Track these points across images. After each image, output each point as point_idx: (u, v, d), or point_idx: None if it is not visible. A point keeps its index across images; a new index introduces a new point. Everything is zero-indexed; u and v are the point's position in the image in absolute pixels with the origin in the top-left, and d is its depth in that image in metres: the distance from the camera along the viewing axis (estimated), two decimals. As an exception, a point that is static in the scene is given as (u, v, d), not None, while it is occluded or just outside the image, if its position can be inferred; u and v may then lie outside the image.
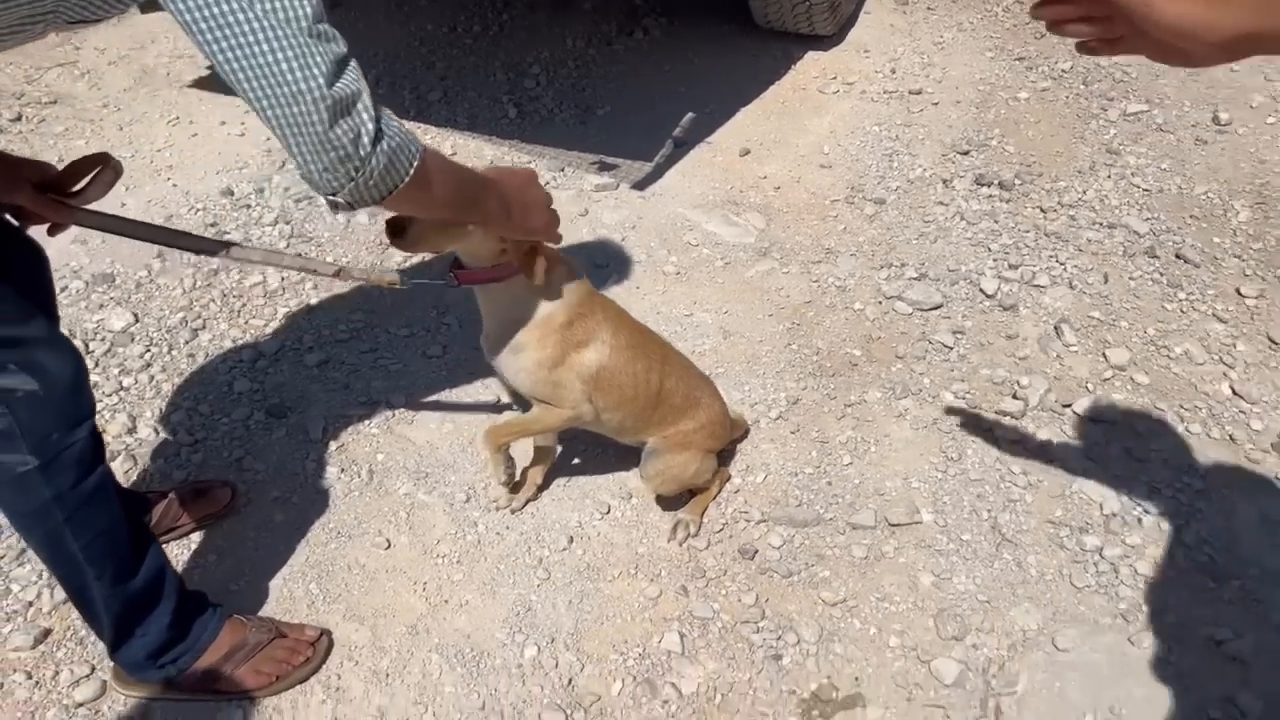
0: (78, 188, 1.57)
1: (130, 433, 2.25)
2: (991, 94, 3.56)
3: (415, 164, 1.26)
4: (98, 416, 1.73)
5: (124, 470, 2.16)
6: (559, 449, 2.15)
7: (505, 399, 2.36)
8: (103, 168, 1.57)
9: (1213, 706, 1.75)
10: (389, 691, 1.79)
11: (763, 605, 1.92)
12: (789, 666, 1.82)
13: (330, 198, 1.22)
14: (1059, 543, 2.03)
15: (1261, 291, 2.62)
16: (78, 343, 2.21)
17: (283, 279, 2.70)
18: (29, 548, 1.65)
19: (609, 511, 2.11)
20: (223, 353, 2.47)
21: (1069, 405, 2.33)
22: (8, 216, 1.52)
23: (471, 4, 4.04)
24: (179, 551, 2.01)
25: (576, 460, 2.21)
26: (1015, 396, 2.35)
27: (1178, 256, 2.74)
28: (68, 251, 2.72)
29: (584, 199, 3.02)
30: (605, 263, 2.78)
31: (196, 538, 2.04)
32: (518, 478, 2.06)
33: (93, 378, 2.22)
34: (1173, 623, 1.88)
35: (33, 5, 1.21)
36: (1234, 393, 2.35)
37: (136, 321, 2.54)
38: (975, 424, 2.28)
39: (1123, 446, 2.23)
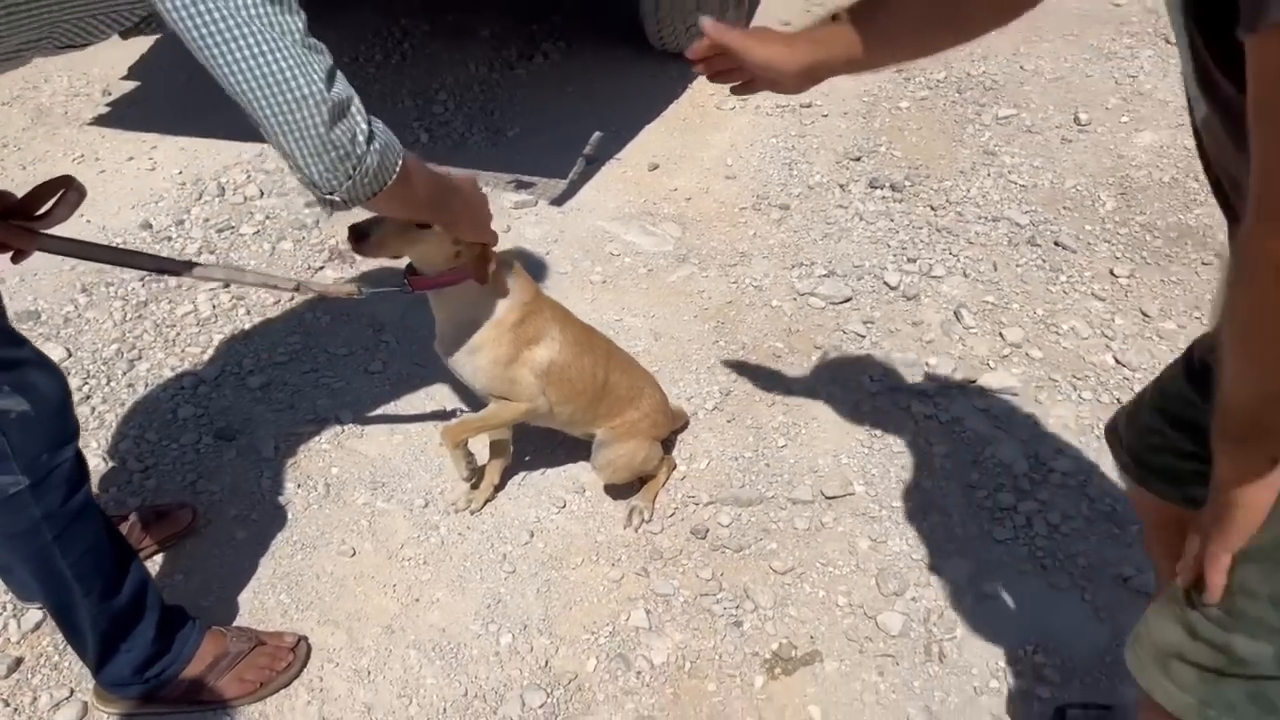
0: (42, 211, 1.61)
1: (76, 464, 2.25)
2: (875, 105, 3.81)
3: (400, 161, 1.36)
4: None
5: (75, 501, 2.15)
6: (512, 449, 2.24)
7: (450, 407, 2.44)
8: (66, 190, 1.61)
9: (1125, 633, 1.95)
10: (372, 688, 1.85)
11: (719, 579, 2.05)
12: (749, 631, 1.95)
13: (328, 196, 1.31)
14: (978, 503, 2.22)
15: (1132, 271, 2.90)
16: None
17: (214, 306, 2.72)
18: (13, 569, 1.66)
19: (565, 506, 2.21)
20: (163, 381, 2.48)
21: (974, 381, 2.54)
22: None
23: (371, 34, 4.11)
24: (142, 574, 2.02)
25: (529, 459, 2.30)
26: (926, 376, 2.55)
27: (1056, 244, 3.01)
28: (-14, 291, 2.69)
29: (505, 216, 3.13)
30: (533, 275, 2.88)
31: (160, 559, 2.05)
32: (477, 473, 2.15)
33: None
34: (1084, 565, 2.09)
35: (30, 32, 1.27)
36: (1117, 362, 2.61)
37: (70, 356, 2.53)
38: (893, 402, 2.47)
39: (1026, 414, 2.45)
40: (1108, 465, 2.31)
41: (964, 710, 1.82)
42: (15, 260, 1.62)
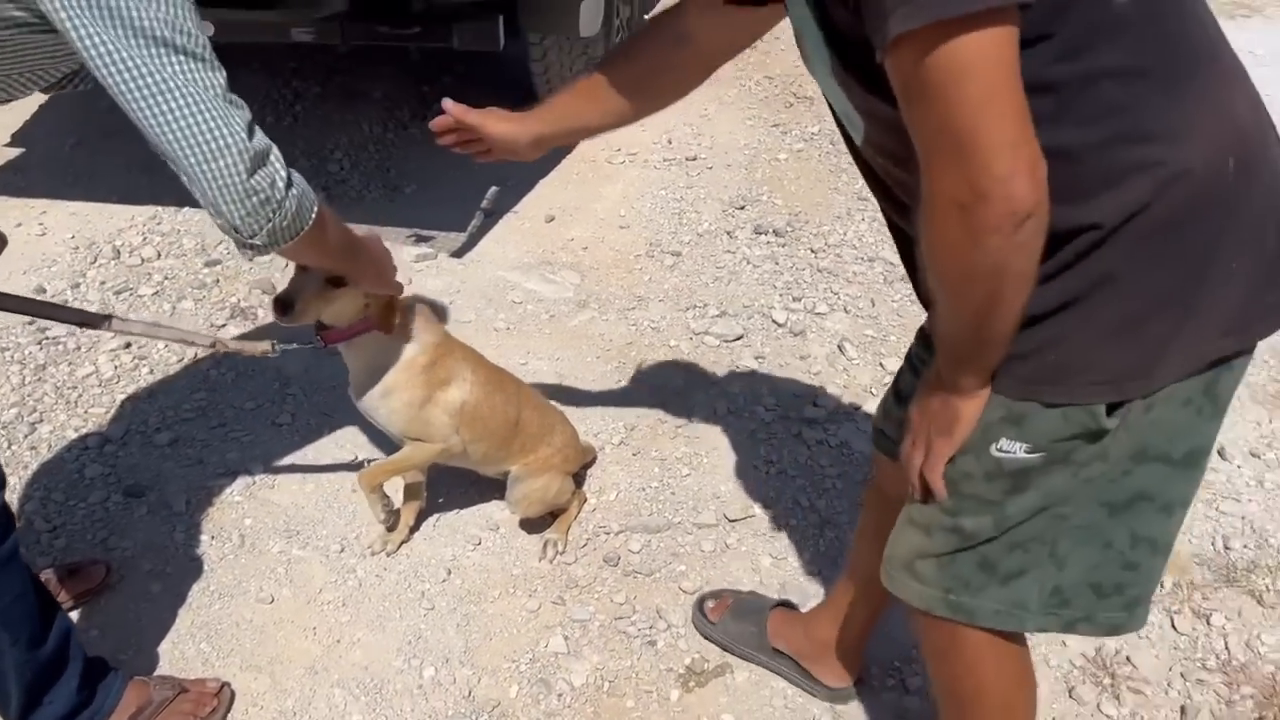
0: None
1: (-22, 528, 2.22)
2: (756, 156, 4.04)
3: (317, 208, 1.46)
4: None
5: (-20, 564, 2.13)
6: (425, 491, 2.30)
7: (360, 454, 2.49)
8: None
9: (1007, 628, 2.12)
10: (298, 728, 1.88)
11: (632, 602, 2.15)
12: (663, 649, 2.05)
13: (249, 240, 1.39)
14: (869, 518, 2.38)
15: (996, 301, 3.15)
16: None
17: (116, 366, 2.72)
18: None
19: (480, 543, 2.28)
20: (67, 443, 2.47)
21: (859, 407, 2.72)
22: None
23: (262, 96, 4.16)
24: (55, 633, 2.01)
25: (442, 500, 2.37)
26: (815, 404, 2.71)
27: (927, 279, 3.24)
28: (-127, 360, 2.63)
29: (407, 270, 3.20)
30: (437, 325, 2.97)
31: (75, 615, 2.04)
32: (393, 516, 2.21)
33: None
34: (967, 569, 2.26)
35: None
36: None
37: (-34, 421, 2.50)
38: (786, 430, 2.63)
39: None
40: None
41: (866, 706, 1.95)
42: None
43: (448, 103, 1.66)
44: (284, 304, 1.83)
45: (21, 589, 1.62)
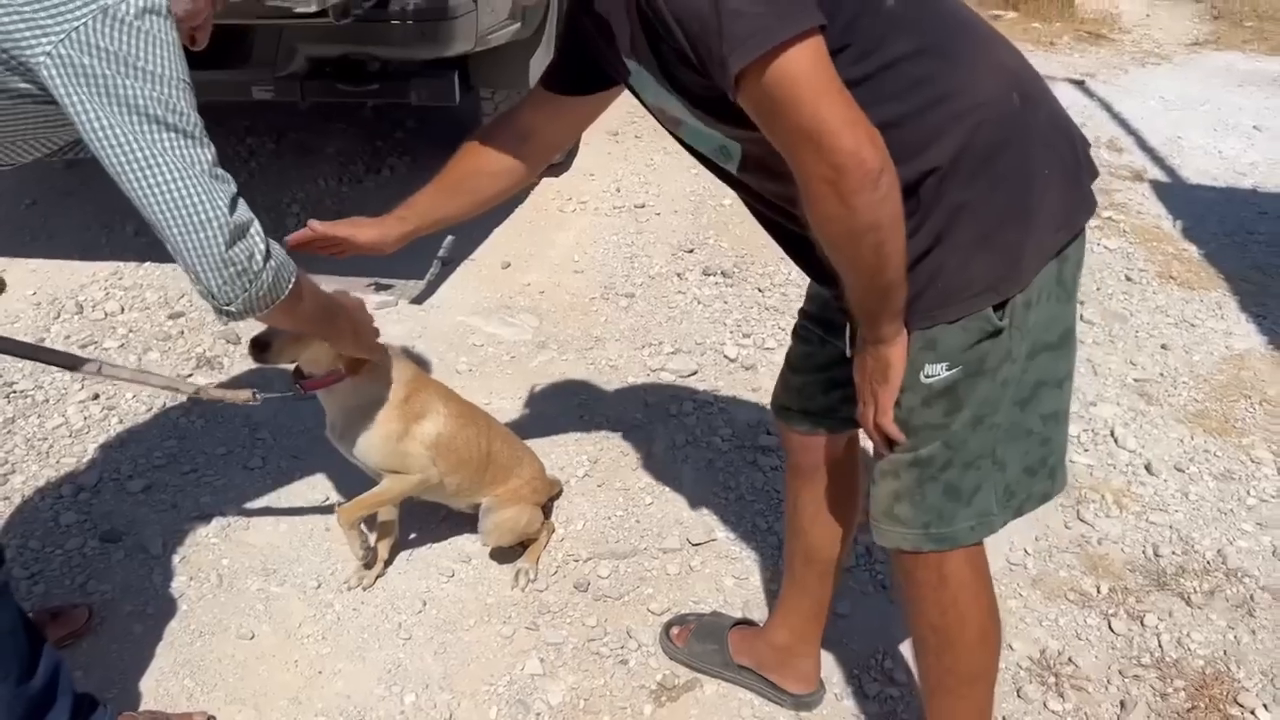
0: None
1: (-46, 578, 2.25)
2: (702, 203, 4.21)
3: (293, 279, 1.55)
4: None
5: (-42, 612, 2.15)
6: (398, 528, 2.38)
7: (332, 494, 2.56)
8: None
9: (957, 635, 2.25)
10: (285, 757, 1.93)
11: (604, 624, 2.24)
12: (635, 668, 2.14)
13: (225, 307, 1.47)
14: (825, 538, 2.50)
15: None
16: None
17: (85, 417, 2.77)
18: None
19: (454, 575, 2.36)
20: (40, 492, 2.50)
21: (811, 436, 2.85)
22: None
23: (218, 154, 4.23)
24: (37, 676, 2.04)
25: (414, 536, 2.44)
26: (768, 433, 2.84)
27: (870, 314, 3.41)
28: None
29: (369, 317, 3.29)
30: (401, 369, 3.06)
31: (57, 658, 2.08)
32: (370, 551, 2.28)
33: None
34: (918, 582, 2.39)
35: None
36: (929, 409, 2.98)
37: (-63, 473, 2.52)
38: (743, 458, 2.75)
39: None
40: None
41: (828, 713, 2.06)
42: None
43: (314, 223, 1.85)
44: (261, 345, 1.93)
45: (11, 625, 1.67)
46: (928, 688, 1.75)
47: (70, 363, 1.84)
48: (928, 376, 1.43)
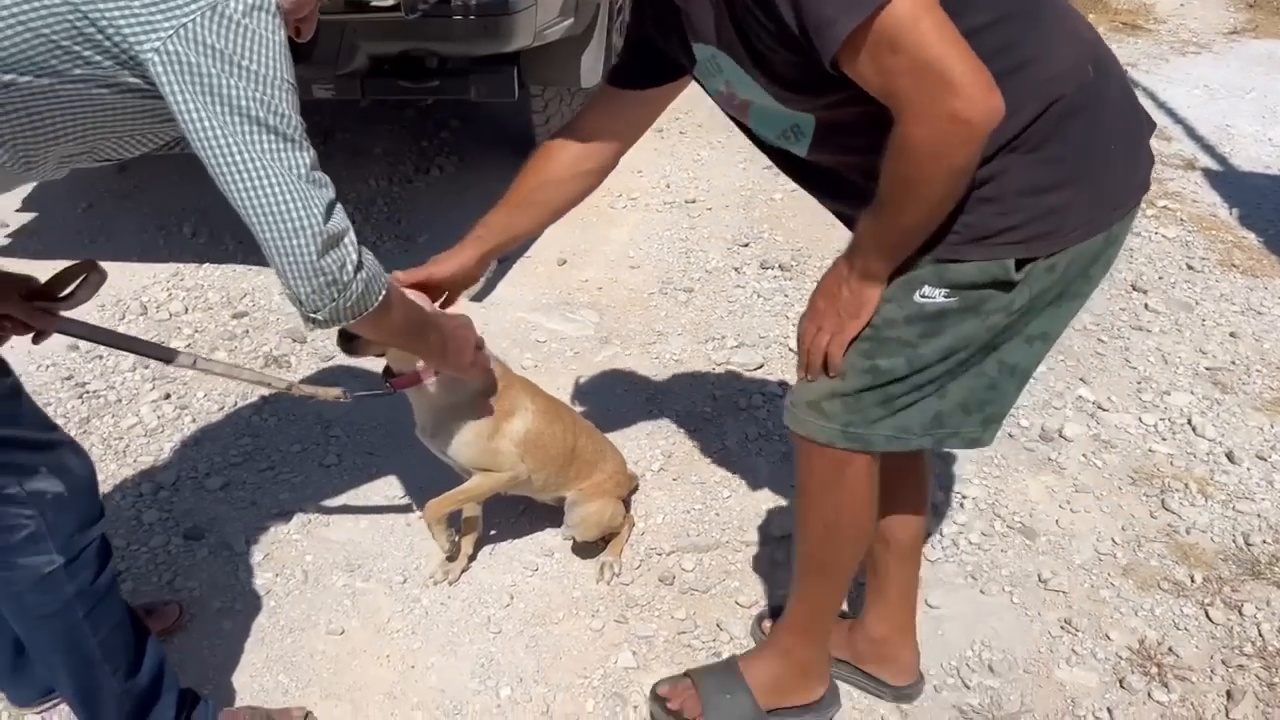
0: (65, 293, 1.71)
1: (42, 576, 2.25)
2: (753, 197, 4.19)
3: (384, 293, 1.52)
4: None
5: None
6: (481, 523, 2.36)
7: (409, 491, 2.55)
8: (89, 273, 1.72)
9: (1052, 626, 2.22)
10: (385, 751, 1.92)
11: (693, 617, 2.22)
12: (729, 660, 2.12)
13: (312, 315, 1.45)
14: (907, 529, 2.48)
15: (1000, 324, 3.30)
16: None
17: (159, 417, 2.77)
18: (41, 655, 1.67)
19: (538, 569, 2.34)
20: (120, 490, 2.50)
21: (884, 428, 2.83)
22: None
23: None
24: (132, 673, 2.04)
25: (494, 531, 2.43)
26: (842, 426, 2.82)
27: (933, 305, 3.38)
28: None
29: (431, 314, 3.28)
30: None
31: (152, 655, 2.07)
32: (456, 546, 2.27)
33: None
34: (1007, 573, 2.36)
35: (72, 146, 1.40)
36: (1001, 400, 2.95)
37: (18, 473, 2.52)
38: (819, 451, 2.72)
39: (933, 451, 2.74)
40: (1011, 489, 2.62)
41: (929, 705, 2.03)
42: (35, 341, 1.71)
43: (399, 274, 1.86)
44: (348, 336, 1.90)
45: (119, 619, 1.67)
46: (800, 567, 1.85)
47: (166, 356, 1.83)
48: (923, 297, 1.46)
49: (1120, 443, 2.79)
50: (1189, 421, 2.87)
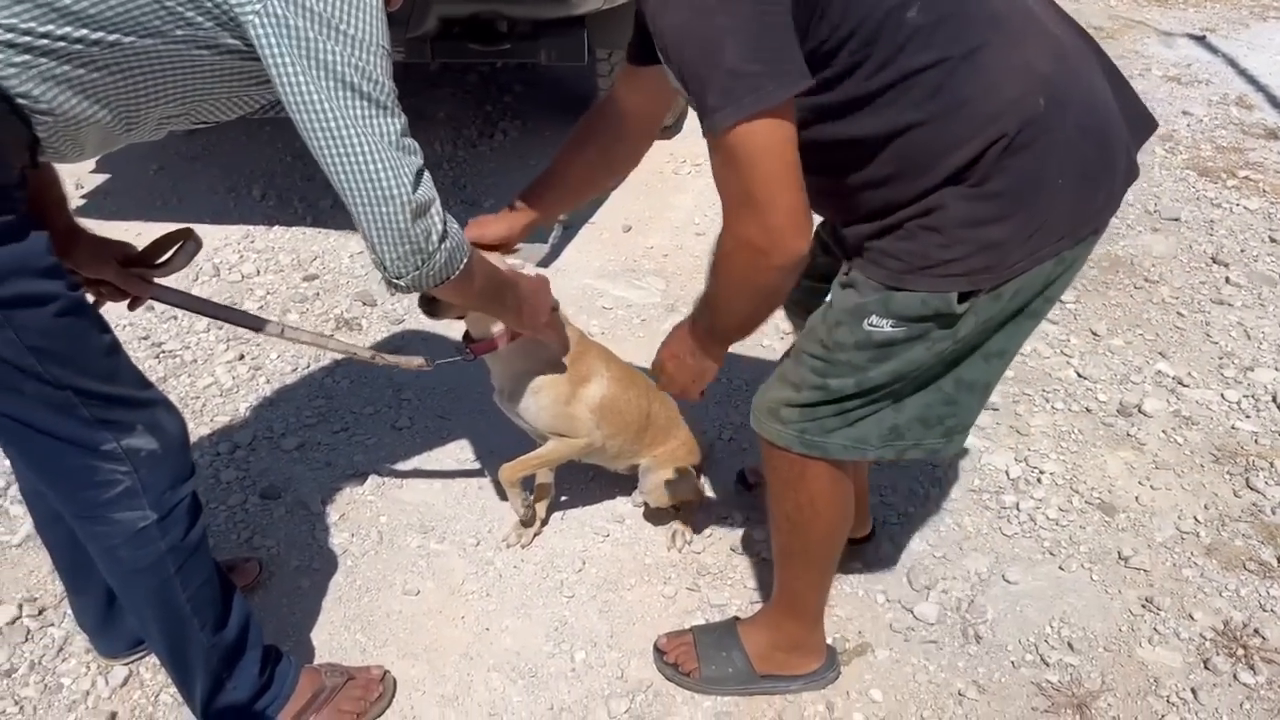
0: (161, 260, 1.73)
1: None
2: (819, 165, 4.12)
3: (466, 260, 1.52)
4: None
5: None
6: (553, 488, 2.37)
7: (482, 455, 2.56)
8: (185, 241, 1.74)
9: (1132, 605, 2.18)
10: (462, 710, 1.94)
11: (766, 587, 2.21)
12: (803, 631, 2.11)
13: (395, 280, 1.46)
14: (983, 504, 2.44)
15: (1077, 298, 3.23)
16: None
17: (234, 377, 2.81)
18: (132, 608, 1.71)
19: (609, 535, 2.35)
20: (197, 449, 2.54)
21: (957, 400, 2.78)
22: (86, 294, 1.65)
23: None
24: (215, 628, 2.08)
25: (565, 498, 2.44)
26: (914, 398, 2.78)
27: (1006, 276, 3.32)
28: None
29: (498, 280, 3.29)
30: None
31: (234, 611, 2.11)
32: (530, 510, 2.28)
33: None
34: (1086, 550, 2.32)
35: (172, 107, 1.41)
36: (1078, 375, 2.89)
37: (100, 430, 2.57)
38: (891, 422, 2.69)
39: (1009, 425, 2.70)
40: (1089, 464, 2.57)
41: (1007, 682, 2.01)
42: (131, 307, 1.74)
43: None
44: (429, 299, 1.90)
45: (208, 575, 1.70)
46: (774, 553, 1.91)
47: (255, 324, 1.84)
48: (871, 325, 1.48)
49: (1202, 419, 2.72)
50: (1274, 398, 2.79)
